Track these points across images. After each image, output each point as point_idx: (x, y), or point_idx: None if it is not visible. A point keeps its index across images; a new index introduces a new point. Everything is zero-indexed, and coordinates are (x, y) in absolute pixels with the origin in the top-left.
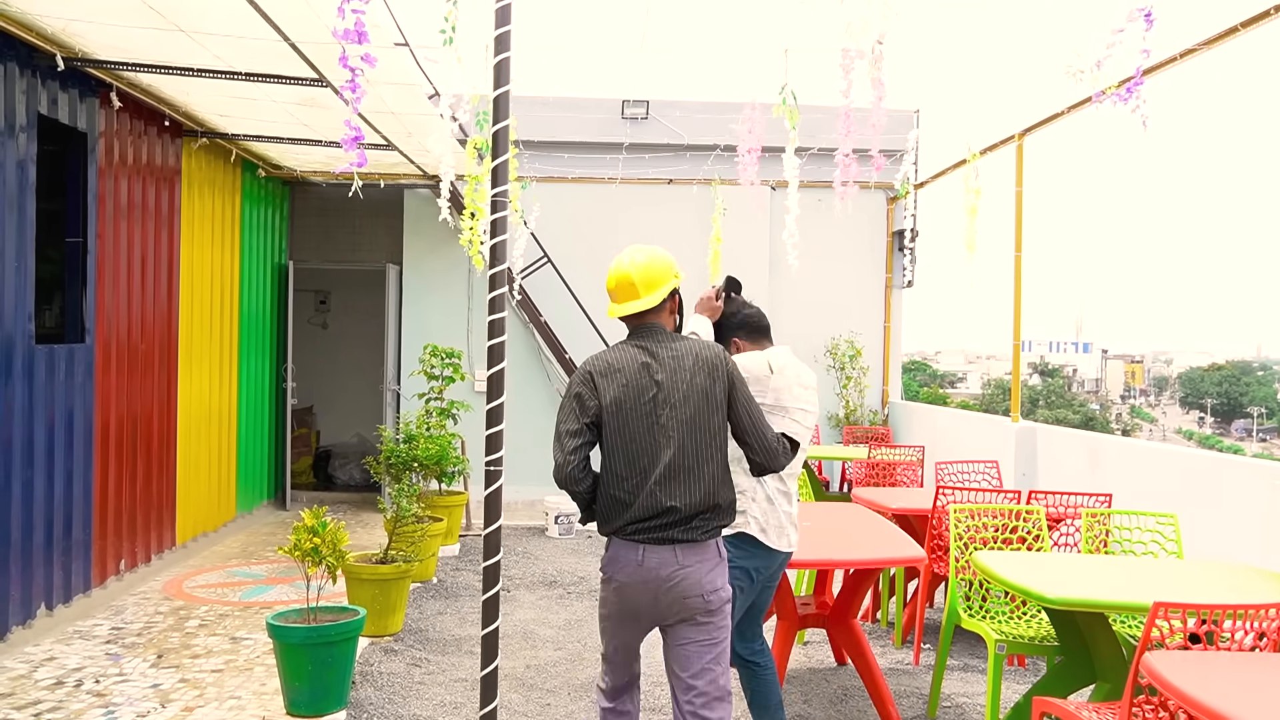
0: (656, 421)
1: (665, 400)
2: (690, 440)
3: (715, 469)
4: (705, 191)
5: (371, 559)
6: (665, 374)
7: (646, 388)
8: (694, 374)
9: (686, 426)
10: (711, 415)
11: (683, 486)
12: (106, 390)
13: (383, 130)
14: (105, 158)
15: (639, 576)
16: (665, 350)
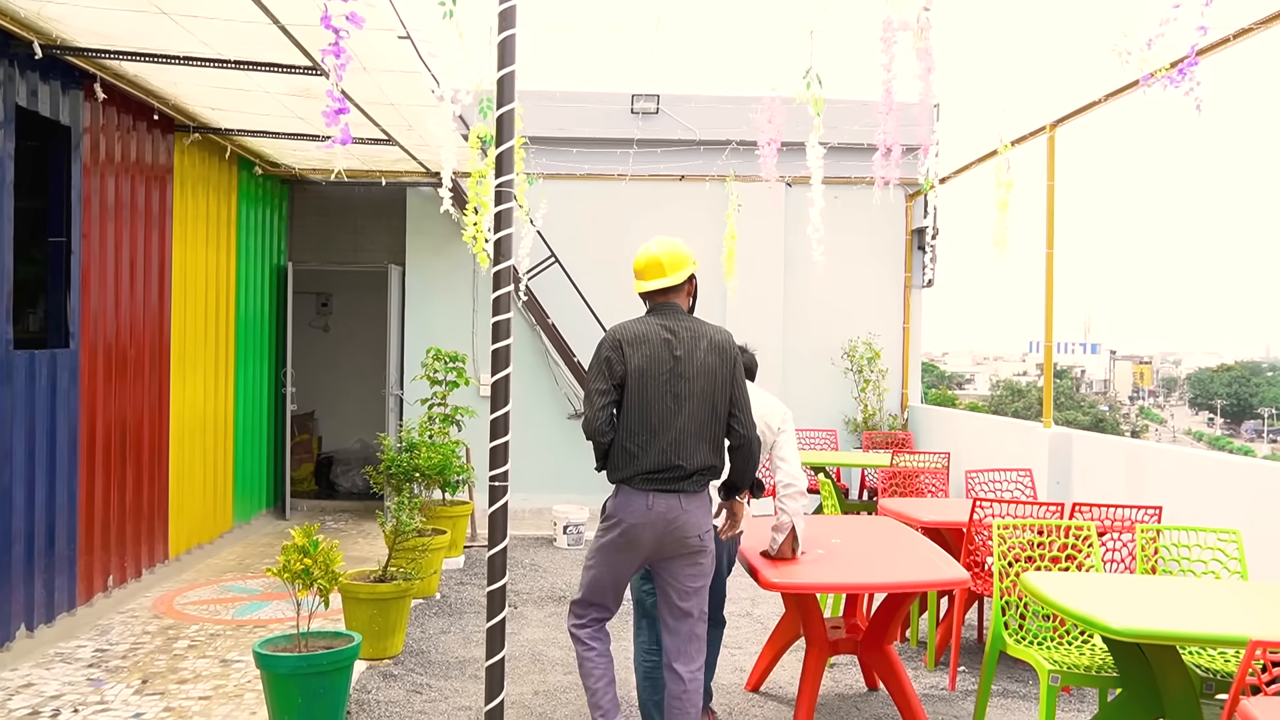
0: (672, 390)
1: (681, 374)
2: (698, 410)
3: (714, 436)
4: (718, 189)
5: (369, 576)
6: (683, 350)
7: (666, 360)
8: (707, 354)
9: (696, 399)
10: (716, 391)
11: (688, 449)
12: (93, 397)
13: (382, 123)
14: (90, 153)
15: (647, 519)
16: (684, 329)
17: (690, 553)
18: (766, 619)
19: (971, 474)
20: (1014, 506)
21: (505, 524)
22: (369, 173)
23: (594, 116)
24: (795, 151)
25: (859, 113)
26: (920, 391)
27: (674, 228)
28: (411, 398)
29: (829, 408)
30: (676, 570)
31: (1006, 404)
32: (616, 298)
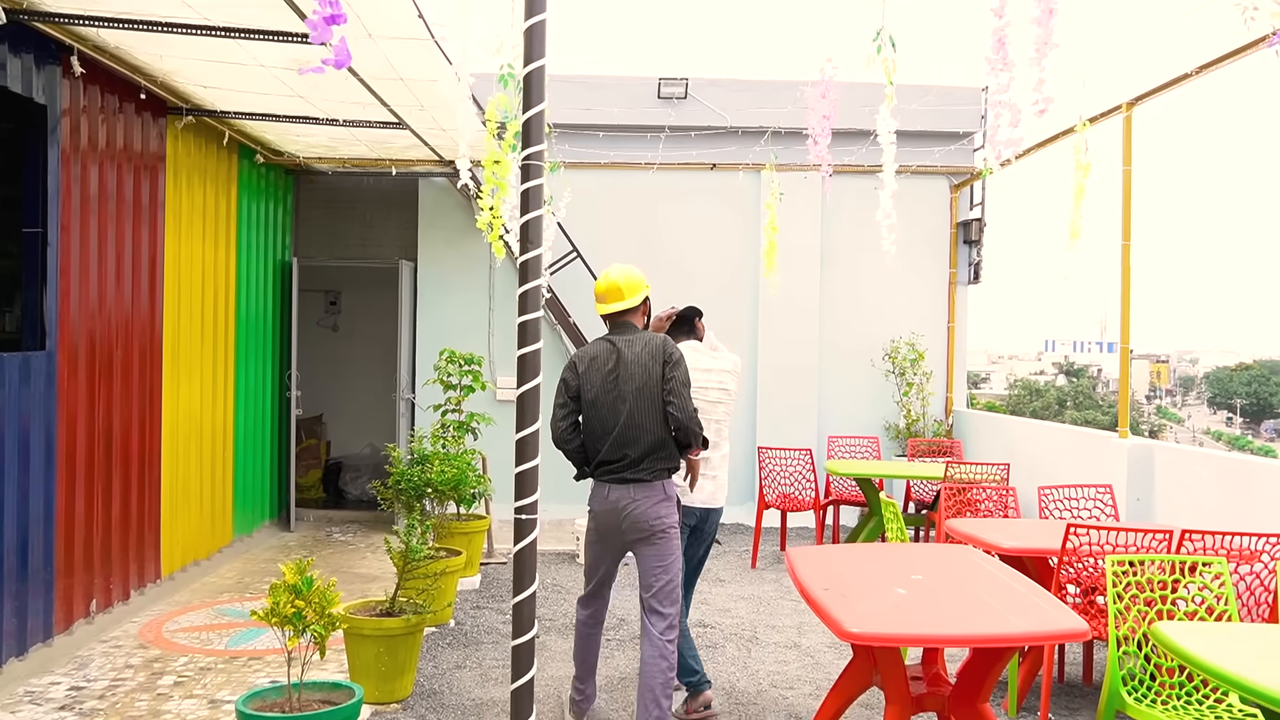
0: (617, 393)
1: (624, 377)
2: (639, 406)
3: (657, 427)
4: (751, 179)
5: (376, 609)
6: (625, 357)
7: (611, 369)
8: (642, 357)
9: (634, 396)
10: (654, 387)
11: (634, 440)
12: (73, 403)
13: (391, 103)
14: (70, 136)
15: (606, 507)
16: (625, 340)
17: (649, 536)
18: (816, 651)
19: (1045, 490)
20: (1113, 534)
21: (534, 566)
22: (378, 161)
23: (618, 102)
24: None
25: (902, 97)
26: (966, 396)
27: (703, 220)
28: (424, 402)
29: (869, 413)
30: (640, 552)
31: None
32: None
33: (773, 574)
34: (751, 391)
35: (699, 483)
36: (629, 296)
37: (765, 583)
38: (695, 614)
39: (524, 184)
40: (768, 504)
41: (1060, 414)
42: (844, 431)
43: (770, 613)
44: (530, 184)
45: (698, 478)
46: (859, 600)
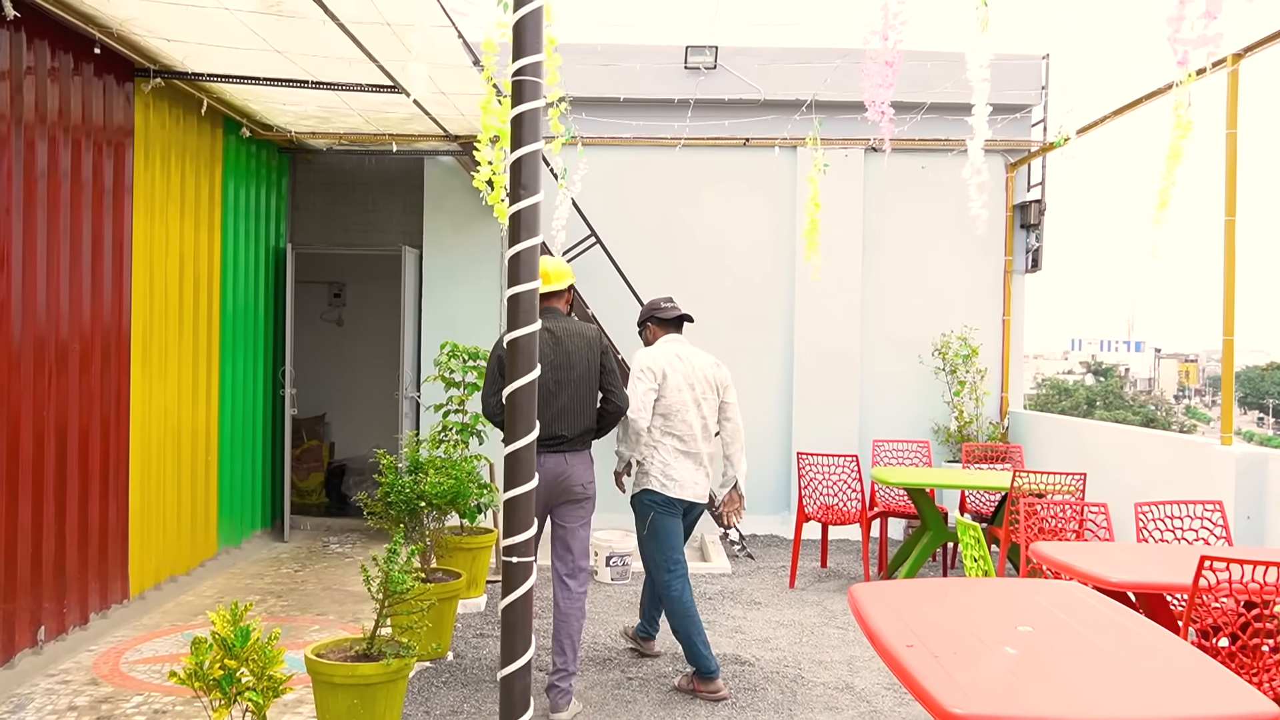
0: (555, 378)
1: (562, 364)
2: (579, 391)
3: (589, 409)
4: (785, 155)
5: (350, 650)
6: (564, 345)
7: (549, 354)
8: (581, 348)
9: (574, 384)
10: (589, 375)
11: (569, 420)
12: (14, 401)
13: (380, 57)
14: (10, 92)
15: (542, 475)
16: (562, 329)
17: (575, 499)
18: (873, 694)
19: (1143, 507)
20: (1260, 569)
21: (528, 627)
22: (377, 137)
23: (641, 73)
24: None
25: (953, 66)
26: (1023, 396)
27: (733, 200)
28: (429, 401)
29: (915, 414)
30: (565, 514)
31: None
32: (667, 284)
33: (814, 595)
34: (786, 390)
35: (692, 477)
36: (555, 281)
37: (806, 605)
38: (730, 647)
39: (516, 107)
40: (808, 516)
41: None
42: (888, 434)
43: (815, 644)
44: (524, 107)
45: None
46: (958, 665)
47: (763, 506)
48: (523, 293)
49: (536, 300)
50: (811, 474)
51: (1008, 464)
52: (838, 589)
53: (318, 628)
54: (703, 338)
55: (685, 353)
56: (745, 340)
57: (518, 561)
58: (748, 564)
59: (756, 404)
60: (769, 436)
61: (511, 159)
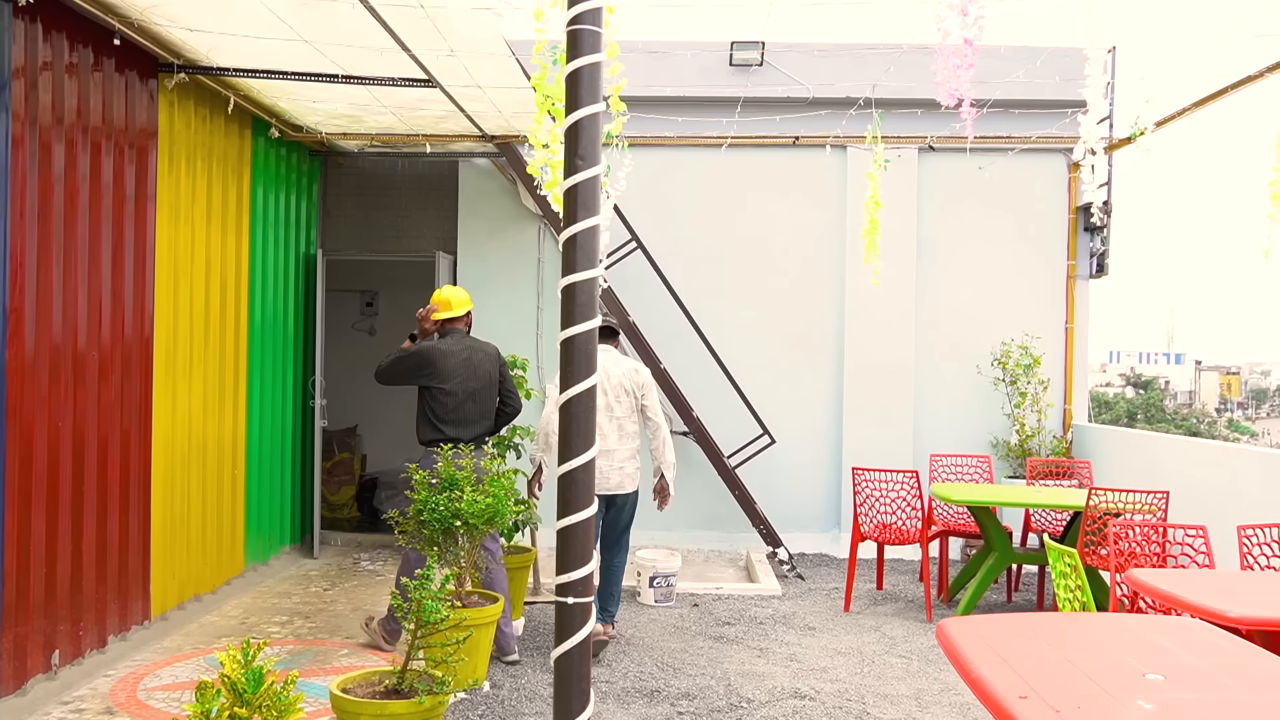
0: (469, 388)
1: (471, 375)
2: (484, 396)
3: (489, 414)
4: (835, 156)
5: (379, 685)
6: (472, 360)
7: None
8: (482, 360)
9: (481, 391)
10: (490, 385)
11: (478, 421)
12: (28, 412)
13: (413, 46)
14: (25, 88)
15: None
16: (470, 346)
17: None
18: None
19: (1247, 531)
20: None
21: (586, 683)
22: (410, 137)
23: (685, 71)
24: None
25: (1013, 61)
26: (1087, 409)
27: (779, 202)
28: None
29: (973, 427)
30: None
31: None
32: (710, 289)
33: (871, 619)
34: (835, 402)
35: (606, 473)
36: (457, 309)
37: (864, 631)
38: (786, 679)
39: (572, 61)
40: (863, 535)
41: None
42: (944, 448)
43: (878, 674)
44: (582, 61)
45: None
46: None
47: (811, 524)
48: (580, 282)
49: (597, 290)
50: (868, 491)
51: (1074, 480)
52: (896, 613)
53: (346, 652)
54: (747, 347)
55: (604, 361)
56: (792, 349)
57: (574, 603)
58: (798, 585)
59: (803, 416)
60: (817, 451)
61: (566, 124)
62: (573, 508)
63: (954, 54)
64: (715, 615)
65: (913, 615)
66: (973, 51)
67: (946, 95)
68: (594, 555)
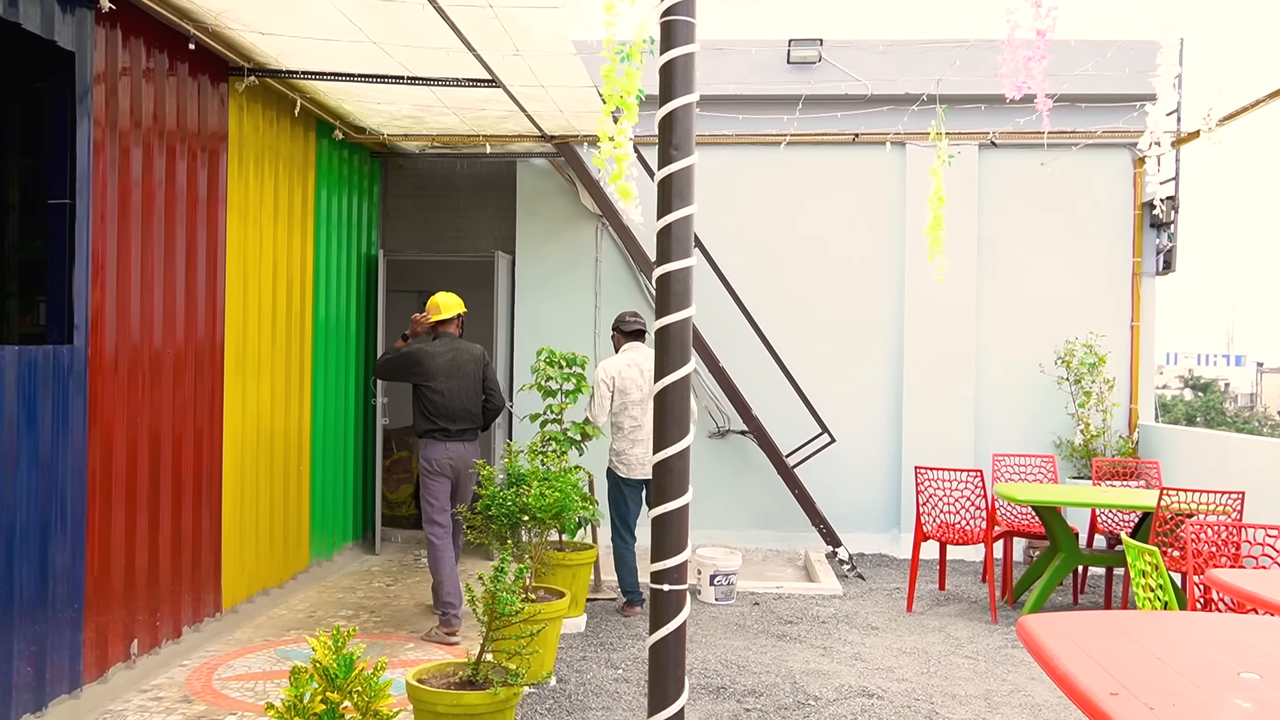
0: (454, 385)
1: (456, 374)
2: (464, 394)
3: (476, 409)
4: (895, 153)
5: (453, 676)
6: (458, 360)
7: (448, 368)
8: (467, 360)
9: (467, 389)
10: (476, 382)
11: (465, 416)
12: (109, 409)
13: (479, 47)
14: (106, 94)
15: (448, 456)
16: (456, 350)
17: (469, 471)
18: None
19: None
20: None
21: (681, 669)
22: (471, 138)
23: (741, 69)
24: (996, 106)
25: (1076, 55)
26: (1154, 408)
27: (837, 200)
28: (522, 412)
29: (1036, 427)
30: (465, 479)
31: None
32: (767, 287)
33: (935, 620)
34: (894, 402)
35: (641, 459)
36: (447, 313)
37: (928, 632)
38: (852, 677)
39: (666, 52)
40: (926, 535)
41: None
42: (1005, 448)
43: (945, 675)
44: (676, 52)
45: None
46: None
47: (870, 524)
48: (675, 271)
49: (691, 279)
50: (931, 490)
51: (1141, 481)
52: (960, 614)
53: (412, 645)
54: (804, 345)
55: (638, 359)
56: (850, 347)
57: (670, 590)
58: (858, 585)
59: (861, 415)
60: (875, 450)
61: (661, 114)
62: (668, 495)
63: (1023, 46)
64: (777, 614)
65: (977, 616)
66: (1044, 44)
67: (1013, 88)
68: (687, 544)
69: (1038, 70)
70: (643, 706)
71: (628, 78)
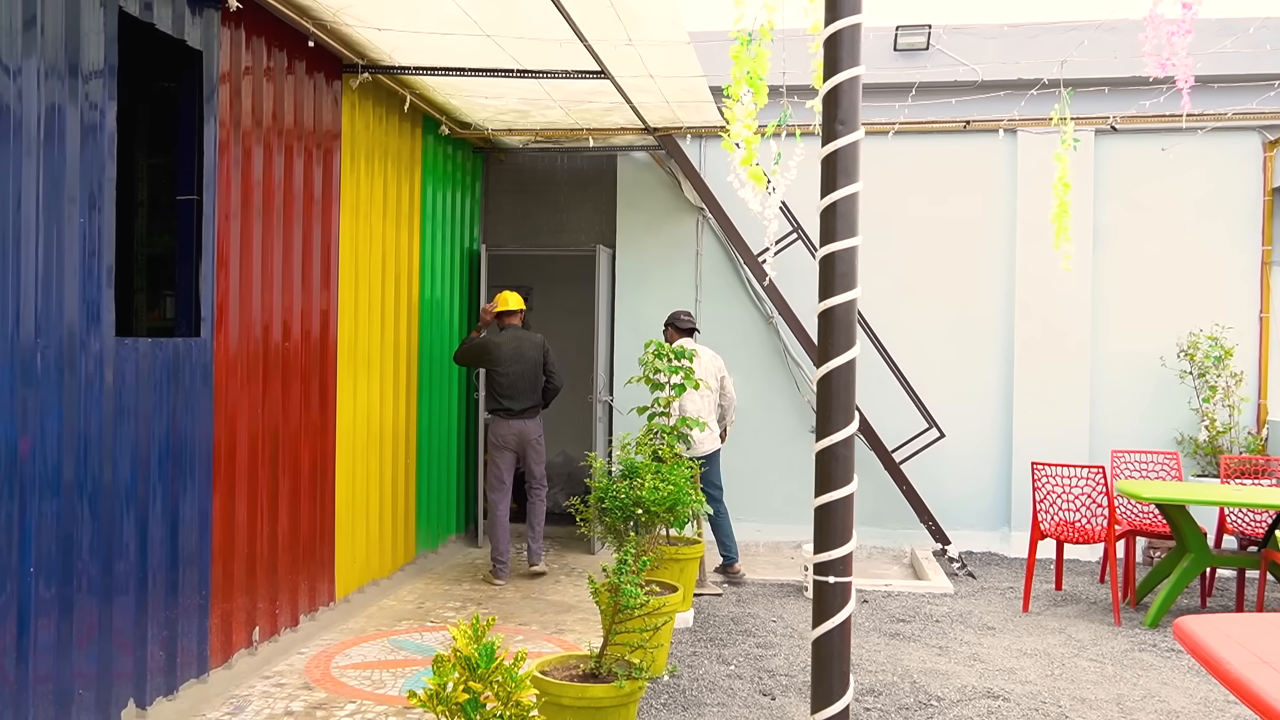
0: (517, 369)
1: (519, 359)
2: (527, 378)
3: (537, 391)
4: (1006, 141)
5: (576, 669)
6: (521, 348)
7: (513, 356)
8: (530, 349)
9: (526, 375)
10: (536, 367)
11: (527, 396)
12: (233, 400)
13: (591, 36)
14: (231, 93)
15: (512, 431)
16: (520, 336)
17: (535, 446)
18: None
19: None
20: None
21: (846, 664)
22: (574, 132)
23: None
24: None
25: (1210, 34)
26: None
27: (945, 189)
28: (623, 405)
29: (1155, 422)
30: (531, 453)
31: None
32: (875, 280)
33: (1053, 621)
34: (1004, 396)
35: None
36: (514, 305)
37: (1048, 633)
38: (973, 678)
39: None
40: (1043, 533)
41: None
42: (1121, 444)
43: (1070, 678)
44: (843, 23)
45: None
46: None
47: (977, 521)
48: (840, 251)
49: (856, 259)
50: (1049, 487)
51: (1272, 480)
52: (1079, 615)
53: (521, 638)
54: (911, 338)
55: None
56: (958, 340)
57: (835, 582)
58: (969, 584)
59: (970, 410)
60: (984, 445)
61: (825, 88)
62: (833, 484)
63: (1167, 22)
64: (887, 612)
65: (1098, 618)
66: (1191, 18)
67: (1156, 65)
68: (852, 535)
69: (1181, 46)
70: (758, 703)
71: (758, 59)
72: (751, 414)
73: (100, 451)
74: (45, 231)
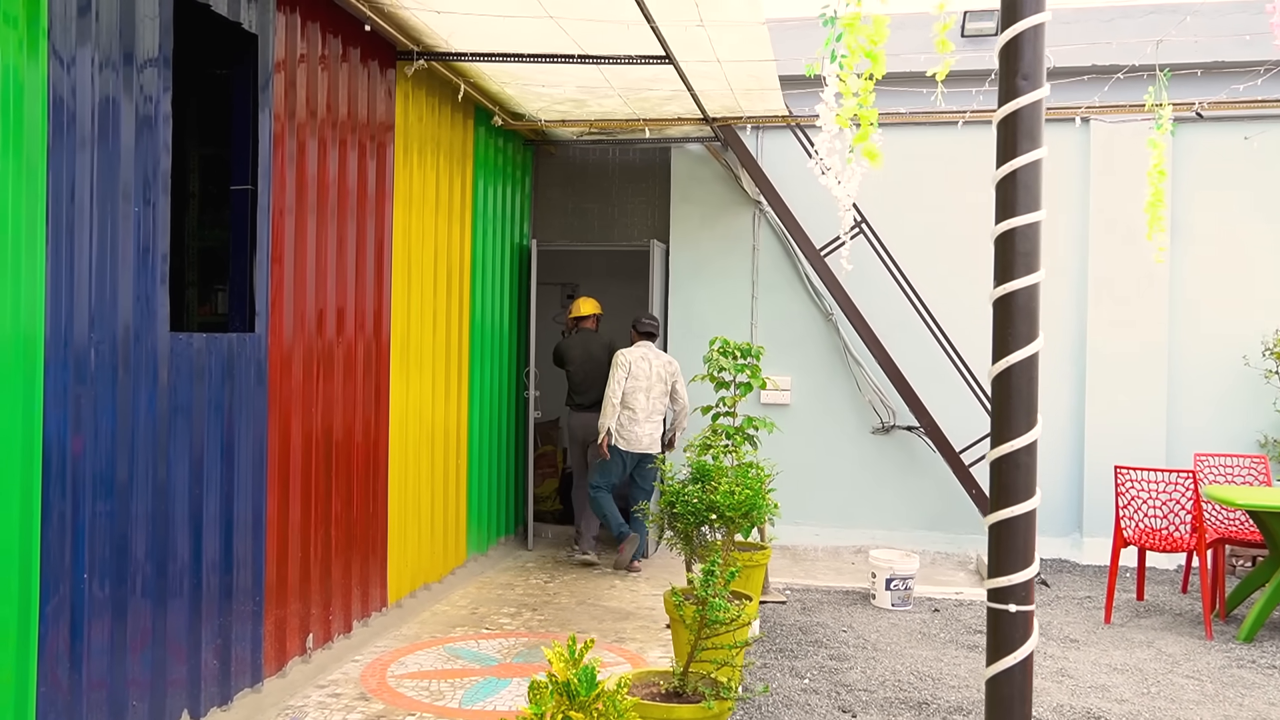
0: (584, 369)
1: (587, 360)
2: (593, 376)
3: (601, 386)
4: (1078, 131)
5: (658, 687)
6: (590, 349)
7: (582, 356)
8: (598, 351)
9: (594, 374)
10: (602, 366)
11: (587, 394)
12: (286, 398)
13: (659, 18)
14: (286, 82)
15: (582, 422)
16: (589, 339)
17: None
18: None
19: None
20: None
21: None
22: (630, 123)
23: (912, 44)
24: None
25: None
26: None
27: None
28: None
29: (1237, 424)
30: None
31: None
32: (939, 275)
33: (1139, 634)
34: (1076, 397)
35: (639, 437)
36: (587, 312)
37: (1135, 647)
38: (1064, 695)
39: None
40: (1126, 540)
41: None
42: (1201, 447)
43: (1169, 696)
44: None
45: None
46: None
47: (1049, 527)
48: (1020, 228)
49: (1038, 239)
50: (1133, 492)
51: None
52: (1166, 627)
53: None
54: (977, 335)
55: (649, 354)
56: None
57: (1016, 611)
58: (1043, 592)
59: (1039, 410)
60: (1055, 448)
61: (1003, 40)
62: (1014, 497)
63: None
64: (962, 622)
65: (1186, 630)
66: None
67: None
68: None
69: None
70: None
71: (876, 26)
72: (809, 414)
73: (154, 450)
74: (99, 225)
